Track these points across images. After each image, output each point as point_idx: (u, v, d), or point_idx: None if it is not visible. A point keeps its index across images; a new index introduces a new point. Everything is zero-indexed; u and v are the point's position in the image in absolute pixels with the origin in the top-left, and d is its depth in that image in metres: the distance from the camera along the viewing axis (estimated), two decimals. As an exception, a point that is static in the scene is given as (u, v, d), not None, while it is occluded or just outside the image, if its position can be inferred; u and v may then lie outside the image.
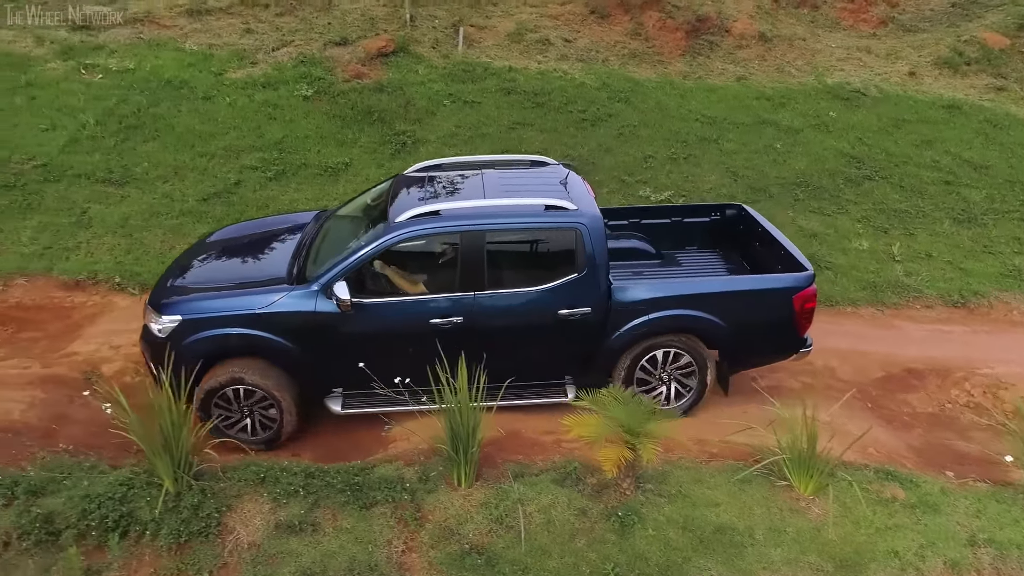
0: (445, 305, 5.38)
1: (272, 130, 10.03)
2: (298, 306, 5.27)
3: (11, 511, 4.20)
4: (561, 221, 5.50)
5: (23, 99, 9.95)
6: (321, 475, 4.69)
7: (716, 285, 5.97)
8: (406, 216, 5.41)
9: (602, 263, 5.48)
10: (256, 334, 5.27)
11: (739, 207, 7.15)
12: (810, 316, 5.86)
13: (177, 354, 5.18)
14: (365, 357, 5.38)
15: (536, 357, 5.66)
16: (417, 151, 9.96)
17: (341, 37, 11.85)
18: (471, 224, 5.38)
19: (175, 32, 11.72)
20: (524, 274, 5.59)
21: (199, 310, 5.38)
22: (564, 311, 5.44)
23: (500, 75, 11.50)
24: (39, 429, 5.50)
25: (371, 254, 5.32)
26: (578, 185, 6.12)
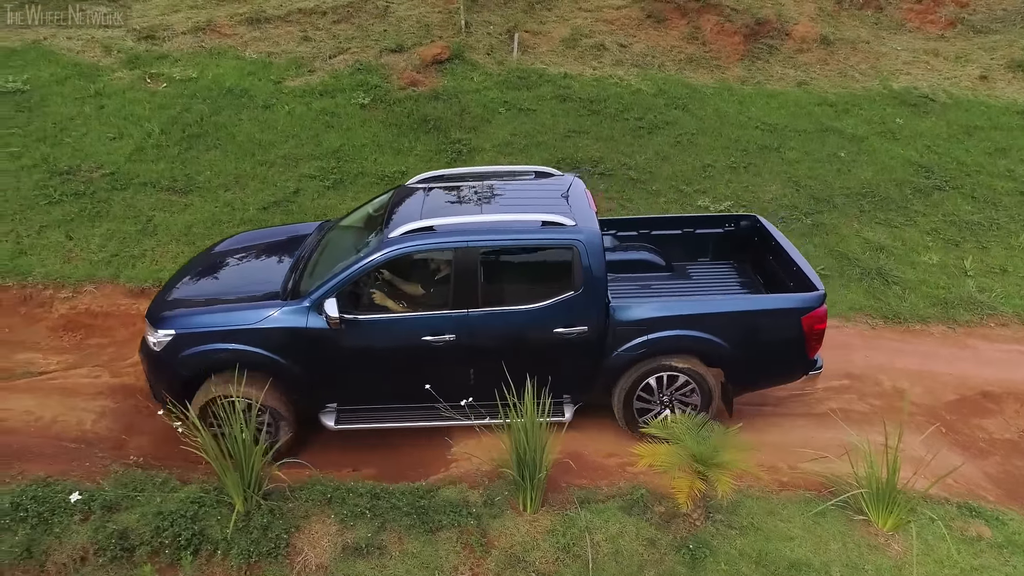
0: (438, 322, 5.29)
1: (330, 138, 10.12)
2: (290, 322, 5.22)
3: (88, 526, 4.28)
4: (557, 238, 5.34)
5: (92, 108, 10.23)
6: (387, 496, 4.68)
7: (719, 305, 5.74)
8: (399, 232, 5.32)
9: (600, 281, 5.31)
10: (249, 349, 5.23)
11: (754, 218, 6.88)
12: (820, 338, 5.62)
13: (171, 367, 5.27)
14: (358, 374, 5.38)
15: (531, 375, 5.29)
16: (472, 160, 9.93)
17: (397, 44, 11.91)
18: (465, 240, 5.27)
19: (235, 40, 11.92)
20: (519, 291, 5.48)
21: (192, 325, 5.37)
22: (560, 330, 5.30)
23: (555, 82, 11.41)
24: (110, 440, 5.62)
25: (363, 270, 5.25)
26: (580, 199, 5.93)
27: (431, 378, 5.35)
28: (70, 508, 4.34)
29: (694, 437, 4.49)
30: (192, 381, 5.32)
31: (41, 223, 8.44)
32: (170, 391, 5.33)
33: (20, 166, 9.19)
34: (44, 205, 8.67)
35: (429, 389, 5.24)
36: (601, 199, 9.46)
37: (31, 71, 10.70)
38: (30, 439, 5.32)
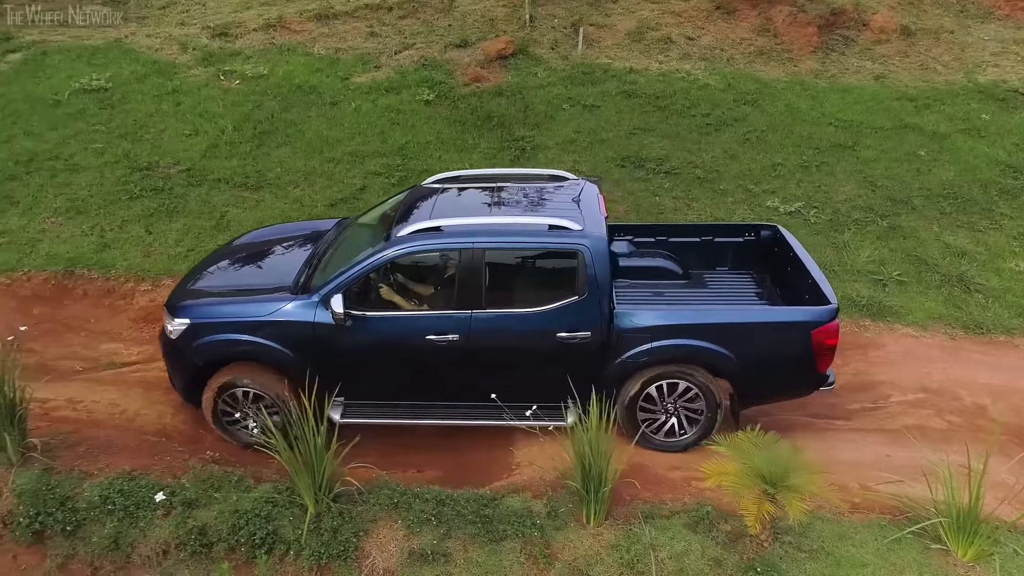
0: (442, 322, 5.36)
1: (395, 135, 10.23)
2: (299, 316, 5.36)
3: (169, 521, 4.48)
4: (563, 242, 5.37)
5: (170, 105, 10.59)
6: (452, 503, 4.74)
7: (725, 316, 5.63)
8: (407, 231, 5.44)
9: (604, 287, 5.31)
10: (259, 341, 5.40)
11: (775, 228, 6.75)
12: (831, 353, 5.47)
13: (185, 356, 5.50)
14: (364, 369, 5.48)
15: (534, 380, 5.51)
16: (536, 157, 9.89)
17: (461, 39, 11.93)
18: (471, 241, 5.33)
19: (304, 37, 12.15)
20: (524, 294, 5.51)
21: (207, 315, 5.57)
22: (563, 335, 5.30)
23: (620, 77, 11.25)
24: (187, 434, 5.86)
25: (371, 267, 5.38)
26: (592, 204, 5.93)
27: (435, 377, 5.49)
28: (154, 505, 4.54)
29: (764, 456, 4.39)
30: (205, 370, 5.53)
31: (123, 218, 8.81)
32: (184, 379, 5.62)
33: (103, 162, 9.60)
34: (125, 200, 9.05)
35: (495, 398, 5.28)
36: (667, 198, 9.33)
37: (113, 69, 11.14)
38: (115, 432, 5.58)
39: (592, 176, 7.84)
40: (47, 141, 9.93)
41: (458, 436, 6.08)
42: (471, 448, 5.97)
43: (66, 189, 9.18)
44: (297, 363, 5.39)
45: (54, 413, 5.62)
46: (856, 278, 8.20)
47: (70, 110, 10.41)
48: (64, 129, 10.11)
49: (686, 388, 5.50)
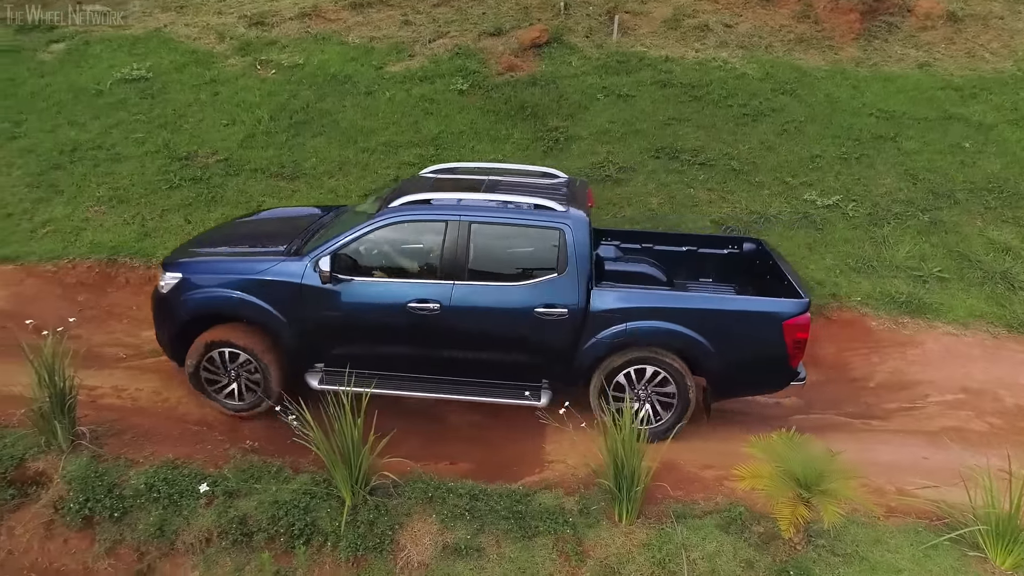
0: (424, 291, 5.57)
1: (429, 125, 10.26)
2: (288, 276, 5.63)
3: (212, 510, 4.62)
4: (545, 220, 5.61)
5: (208, 95, 10.74)
6: (485, 498, 4.80)
7: (698, 301, 5.79)
8: (399, 203, 5.77)
9: (583, 266, 5.53)
10: (247, 298, 5.66)
11: (758, 242, 6.95)
12: (802, 347, 5.56)
13: (173, 309, 5.79)
14: (346, 335, 5.70)
15: (511, 355, 5.68)
16: (569, 148, 9.86)
17: (495, 27, 11.89)
18: (457, 214, 5.62)
19: (339, 26, 12.20)
20: (505, 269, 5.70)
21: (199, 269, 5.87)
22: (540, 310, 5.49)
23: (655, 66, 11.11)
24: (227, 423, 6.00)
25: (362, 234, 5.64)
26: (579, 195, 6.26)
27: (416, 347, 5.68)
28: (198, 493, 4.68)
29: (799, 459, 4.36)
30: (192, 326, 5.80)
31: (163, 207, 8.99)
32: (170, 334, 5.89)
33: (144, 152, 9.79)
34: (165, 190, 9.23)
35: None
36: (701, 191, 9.24)
37: (153, 59, 11.32)
38: (158, 420, 5.74)
39: (581, 178, 8.08)
40: (90, 131, 10.16)
41: (490, 429, 6.16)
42: (502, 442, 6.03)
43: (108, 178, 9.39)
44: (282, 325, 5.67)
45: (100, 401, 5.80)
46: (895, 274, 8.06)
47: (112, 100, 10.62)
48: (106, 119, 10.32)
49: (654, 372, 5.63)
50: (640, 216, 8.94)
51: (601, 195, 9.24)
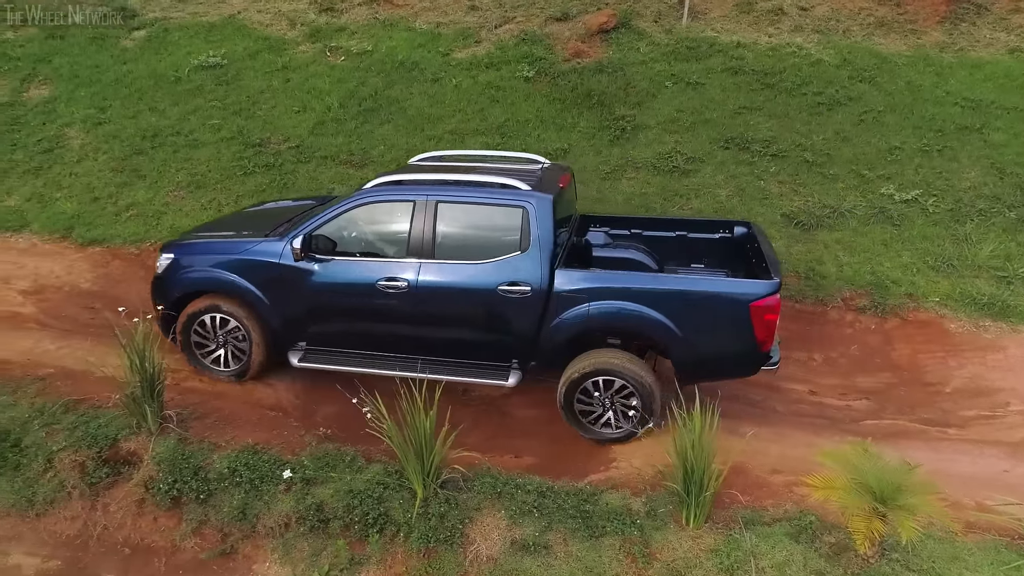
0: (393, 269, 5.78)
1: (495, 113, 10.26)
2: (266, 257, 5.98)
3: (290, 496, 4.82)
4: (509, 199, 5.74)
5: (280, 81, 10.99)
6: (552, 495, 4.87)
7: (662, 281, 5.74)
8: (372, 184, 6.10)
9: (546, 244, 5.61)
10: (231, 277, 6.04)
11: (748, 225, 6.78)
12: (771, 328, 5.46)
13: (165, 287, 6.24)
14: (321, 314, 5.97)
15: (478, 334, 5.82)
16: (636, 138, 9.73)
17: (562, 12, 11.77)
18: (425, 194, 5.83)
19: (406, 11, 12.27)
20: (471, 248, 5.82)
21: (189, 251, 6.33)
22: (504, 288, 5.60)
23: (726, 52, 10.83)
24: (301, 409, 6.22)
25: (335, 214, 5.91)
26: (552, 178, 6.34)
27: (386, 326, 5.88)
28: (277, 479, 4.89)
29: (874, 472, 4.27)
30: (182, 301, 6.22)
31: (238, 193, 9.28)
32: (164, 306, 6.25)
33: (220, 138, 10.10)
34: (240, 176, 9.52)
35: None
36: (772, 183, 9.01)
37: (228, 46, 11.62)
38: (237, 405, 5.99)
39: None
40: (169, 117, 10.52)
41: (554, 424, 6.19)
42: (566, 437, 6.07)
43: (187, 164, 9.73)
44: (263, 304, 6.01)
45: (183, 384, 6.07)
46: (977, 274, 7.74)
47: (189, 86, 10.96)
48: (184, 105, 10.67)
49: (615, 382, 5.63)
50: (708, 208, 8.80)
51: (668, 186, 9.12)
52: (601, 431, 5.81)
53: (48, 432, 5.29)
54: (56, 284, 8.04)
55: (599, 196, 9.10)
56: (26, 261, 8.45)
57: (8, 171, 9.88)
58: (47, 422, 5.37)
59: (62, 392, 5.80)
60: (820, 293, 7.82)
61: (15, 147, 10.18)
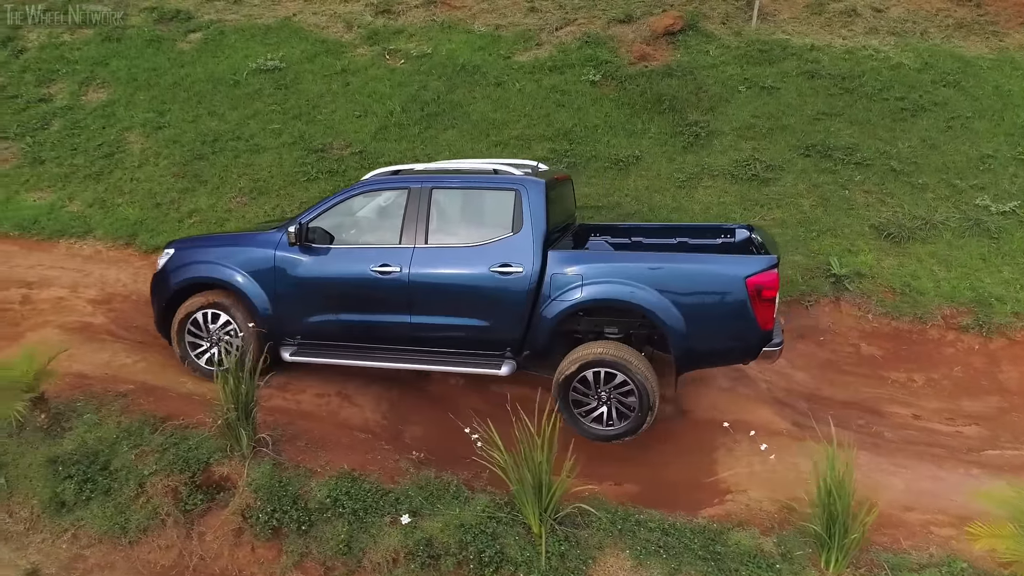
0: (386, 255, 5.80)
1: (561, 118, 9.96)
2: (263, 246, 6.05)
3: (397, 530, 4.53)
4: (502, 182, 5.84)
5: (339, 85, 10.77)
6: (676, 533, 4.55)
7: (657, 259, 5.71)
8: (369, 175, 6.33)
9: (538, 227, 5.64)
10: (227, 267, 6.07)
11: (750, 228, 6.64)
12: (770, 305, 5.33)
13: (165, 280, 6.27)
14: (316, 305, 5.96)
15: (471, 319, 5.74)
16: (710, 144, 9.38)
17: (625, 14, 11.44)
18: (420, 181, 5.94)
19: (464, 13, 12.00)
20: (465, 232, 5.90)
21: (190, 244, 6.46)
22: (497, 268, 5.61)
23: (800, 55, 10.44)
24: (389, 430, 5.96)
25: (332, 204, 6.02)
26: (549, 173, 6.46)
27: (380, 315, 5.86)
28: (382, 509, 4.62)
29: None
30: (179, 295, 6.23)
31: (301, 199, 9.06)
32: (160, 306, 6.34)
33: (281, 143, 9.91)
34: (303, 182, 9.31)
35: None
36: (857, 192, 8.62)
37: (285, 48, 11.43)
38: (324, 426, 5.74)
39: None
40: (228, 121, 10.35)
41: (651, 449, 5.89)
42: (666, 463, 5.77)
43: (249, 169, 9.54)
44: (259, 295, 6.01)
45: (267, 403, 5.83)
46: (1088, 292, 7.31)
47: (248, 90, 10.78)
48: (244, 109, 10.49)
49: (618, 377, 5.52)
50: (791, 219, 8.42)
51: (747, 195, 8.77)
52: (592, 427, 5.69)
53: (137, 454, 5.07)
54: (123, 293, 7.88)
55: (675, 205, 8.77)
56: (92, 268, 8.30)
57: (69, 176, 9.76)
58: (135, 443, 5.15)
59: (146, 410, 5.58)
60: (918, 310, 7.44)
61: (75, 151, 10.06)
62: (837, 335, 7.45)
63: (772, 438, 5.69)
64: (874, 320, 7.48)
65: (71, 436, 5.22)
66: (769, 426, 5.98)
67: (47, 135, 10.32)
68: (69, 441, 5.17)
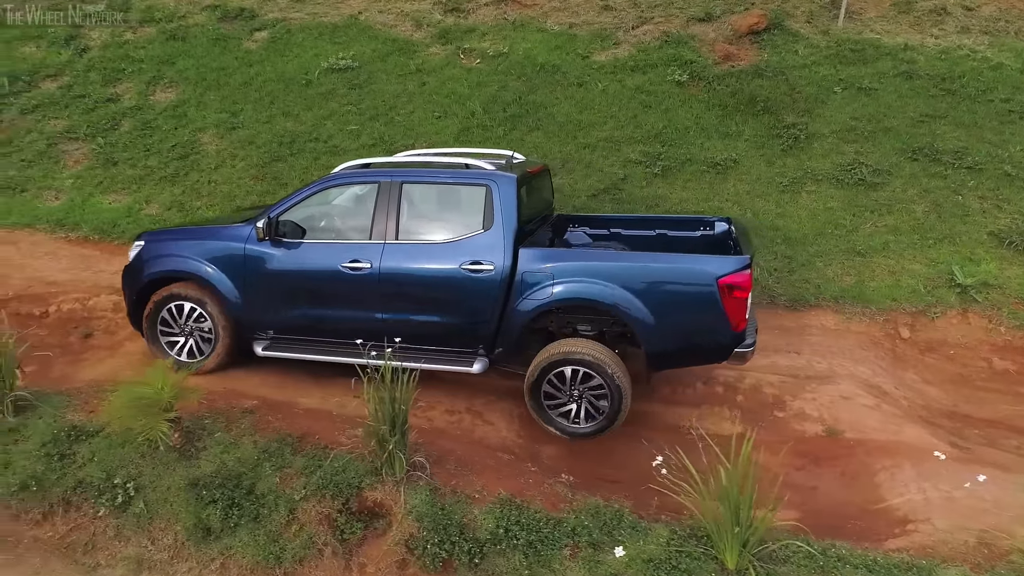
0: (356, 251, 5.72)
1: (649, 119, 9.64)
2: (233, 240, 5.97)
3: (580, 563, 4.16)
4: (473, 178, 5.73)
5: (415, 85, 10.46)
6: (882, 571, 4.20)
7: (627, 259, 5.65)
8: (340, 168, 6.12)
9: (509, 223, 5.57)
10: (197, 261, 6.02)
11: (729, 220, 6.65)
12: (741, 306, 5.28)
13: (135, 274, 6.21)
14: (286, 300, 5.91)
15: (442, 316, 5.70)
16: (811, 147, 9.04)
17: (704, 12, 11.10)
18: (390, 175, 5.82)
19: (535, 11, 11.68)
20: (435, 228, 5.81)
21: (159, 237, 6.38)
22: (467, 266, 5.55)
23: (894, 55, 10.08)
24: (526, 448, 5.67)
25: (302, 197, 5.90)
26: (522, 165, 6.38)
27: (350, 310, 5.78)
28: (557, 541, 4.30)
29: None
30: (149, 288, 6.21)
31: (386, 203, 8.73)
32: (130, 299, 6.30)
33: (360, 144, 9.61)
34: (387, 185, 8.98)
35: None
36: (971, 198, 8.27)
37: (355, 47, 11.13)
38: (462, 445, 5.43)
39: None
40: (304, 122, 10.06)
41: (803, 471, 5.57)
42: (825, 488, 5.44)
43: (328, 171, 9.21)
44: (229, 289, 5.96)
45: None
46: None
47: (321, 90, 10.49)
48: (318, 109, 10.20)
49: (595, 379, 5.50)
50: (904, 226, 8.08)
51: (854, 201, 8.43)
52: (559, 421, 5.68)
53: (282, 477, 4.76)
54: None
55: (780, 211, 8.44)
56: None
57: (144, 178, 9.49)
58: (277, 465, 4.84)
59: (275, 427, 5.28)
60: (1053, 322, 7.08)
61: (148, 152, 9.79)
62: (967, 348, 7.10)
63: (932, 462, 5.36)
64: (1006, 333, 7.13)
65: (207, 456, 4.92)
66: (927, 447, 5.64)
67: (118, 135, 10.05)
68: (207, 462, 4.86)
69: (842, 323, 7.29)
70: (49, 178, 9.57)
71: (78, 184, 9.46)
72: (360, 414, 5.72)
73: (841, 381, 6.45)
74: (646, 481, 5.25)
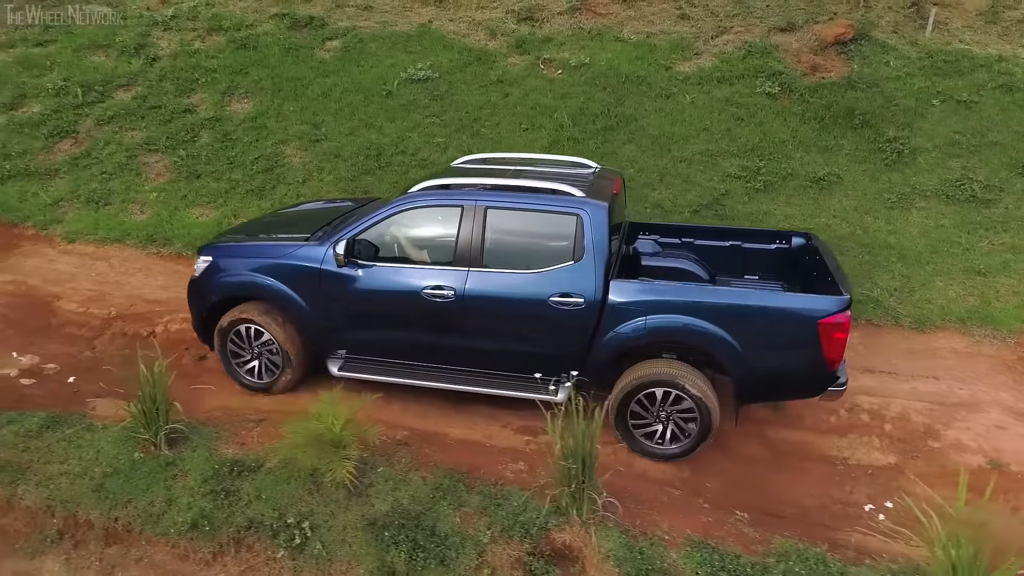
0: (439, 277, 5.55)
1: (743, 133, 9.46)
2: (308, 261, 5.77)
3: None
4: (562, 206, 5.46)
5: (498, 96, 10.27)
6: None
7: (725, 296, 5.37)
8: (418, 188, 5.84)
9: (600, 254, 5.34)
10: (269, 282, 5.84)
11: (807, 236, 6.48)
12: (840, 348, 5.09)
13: (203, 291, 6.09)
14: (363, 321, 5.77)
15: (526, 347, 5.54)
16: (915, 162, 8.87)
17: (786, 22, 10.92)
18: (474, 199, 5.55)
19: (610, 20, 11.50)
20: (521, 256, 5.56)
21: (228, 253, 6.13)
22: (555, 299, 5.35)
23: (989, 67, 9.90)
24: (692, 484, 5.47)
25: (380, 219, 5.68)
26: (605, 184, 6.07)
27: (430, 335, 5.65)
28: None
29: None
30: (219, 307, 6.08)
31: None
32: (199, 316, 6.21)
33: (449, 158, 9.40)
34: (482, 200, 8.79)
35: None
36: (1089, 216, 8.08)
37: (431, 57, 10.94)
38: (626, 480, 5.21)
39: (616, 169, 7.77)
40: (387, 134, 9.87)
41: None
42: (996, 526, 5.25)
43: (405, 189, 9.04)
44: (303, 309, 5.83)
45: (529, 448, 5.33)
46: None
47: (402, 101, 10.30)
48: (401, 121, 10.02)
49: (685, 401, 5.37)
50: (1023, 244, 7.90)
51: (968, 218, 8.26)
52: (644, 442, 5.57)
53: (462, 517, 4.58)
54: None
55: (891, 228, 8.26)
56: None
57: (229, 191, 9.31)
58: (454, 504, 4.65)
59: (435, 461, 5.10)
60: None
61: (232, 165, 9.60)
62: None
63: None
64: None
65: (377, 493, 4.73)
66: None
67: (198, 148, 9.86)
68: (379, 500, 4.67)
69: (972, 346, 7.11)
70: (132, 191, 9.38)
71: (162, 198, 9.27)
72: (511, 445, 5.58)
73: (990, 409, 6.26)
74: (810, 516, 5.10)
